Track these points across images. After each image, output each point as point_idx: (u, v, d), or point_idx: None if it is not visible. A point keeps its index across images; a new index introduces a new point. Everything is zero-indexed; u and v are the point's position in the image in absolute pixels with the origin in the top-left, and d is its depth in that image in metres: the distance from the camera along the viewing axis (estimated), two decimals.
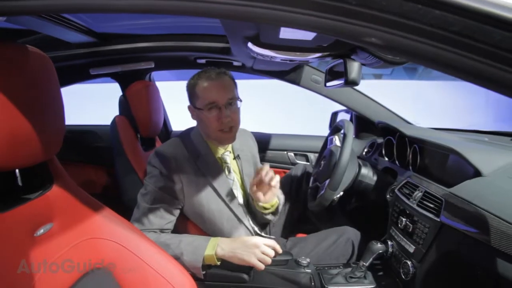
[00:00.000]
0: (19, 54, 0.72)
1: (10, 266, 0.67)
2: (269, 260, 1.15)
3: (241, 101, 1.32)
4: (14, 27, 1.40)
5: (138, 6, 0.54)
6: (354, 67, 1.18)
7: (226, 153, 1.39)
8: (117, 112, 1.97)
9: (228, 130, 1.29)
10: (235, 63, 2.00)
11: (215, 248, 1.16)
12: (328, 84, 1.51)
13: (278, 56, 1.23)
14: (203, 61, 1.99)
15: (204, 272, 1.16)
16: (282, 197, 1.54)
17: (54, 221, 0.83)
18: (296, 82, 2.06)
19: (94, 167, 2.36)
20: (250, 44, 1.12)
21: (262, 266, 1.14)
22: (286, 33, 0.90)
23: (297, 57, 1.25)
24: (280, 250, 1.19)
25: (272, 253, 1.16)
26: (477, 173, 1.06)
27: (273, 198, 1.37)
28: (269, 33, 0.96)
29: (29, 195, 0.80)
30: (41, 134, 0.73)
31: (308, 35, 0.91)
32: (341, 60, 1.24)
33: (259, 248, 1.14)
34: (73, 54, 1.78)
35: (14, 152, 0.69)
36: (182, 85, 1.38)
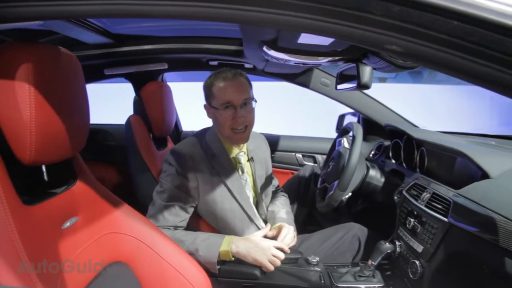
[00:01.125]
0: (52, 54, 0.75)
1: (40, 256, 0.70)
2: (278, 263, 1.20)
3: (256, 101, 1.35)
4: (28, 27, 1.41)
5: (157, 12, 0.57)
6: (366, 71, 1.20)
7: (240, 153, 1.42)
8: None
9: (243, 129, 1.32)
10: (247, 65, 2.03)
11: (230, 245, 1.20)
12: (339, 87, 1.54)
13: (292, 59, 1.26)
14: (215, 63, 2.02)
15: (218, 267, 1.20)
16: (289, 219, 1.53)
17: (78, 215, 0.86)
18: (305, 84, 2.08)
19: (105, 166, 2.40)
20: (265, 48, 1.15)
21: (271, 268, 1.19)
22: (305, 38, 0.92)
23: (311, 60, 1.27)
24: (288, 250, 1.25)
25: (282, 256, 1.21)
26: (484, 175, 1.08)
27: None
28: (287, 38, 0.99)
29: (55, 190, 0.84)
30: (70, 132, 0.77)
31: (325, 40, 0.94)
32: (353, 64, 1.27)
33: (270, 251, 1.20)
34: (89, 54, 1.81)
35: (45, 148, 0.72)
36: (187, 86, 1.41)
